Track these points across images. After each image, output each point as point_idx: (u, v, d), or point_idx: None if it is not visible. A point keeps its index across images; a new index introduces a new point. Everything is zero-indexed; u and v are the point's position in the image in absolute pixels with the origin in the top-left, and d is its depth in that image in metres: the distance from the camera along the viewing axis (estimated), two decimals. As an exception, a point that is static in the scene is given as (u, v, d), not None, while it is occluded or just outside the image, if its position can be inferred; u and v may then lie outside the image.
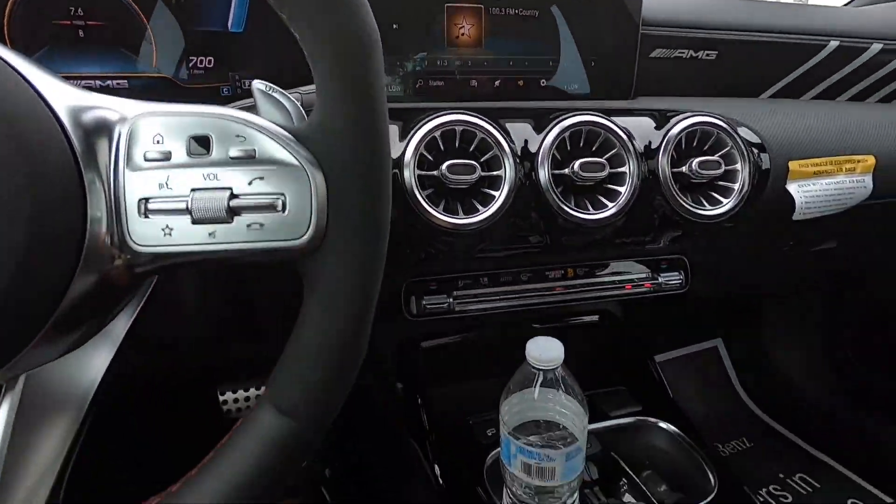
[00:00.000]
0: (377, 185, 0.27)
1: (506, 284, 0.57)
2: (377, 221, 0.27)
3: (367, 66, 0.25)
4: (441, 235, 0.48)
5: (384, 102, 0.27)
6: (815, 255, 0.81)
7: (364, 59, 0.25)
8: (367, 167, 0.26)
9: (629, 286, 0.59)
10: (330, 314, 0.27)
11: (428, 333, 0.68)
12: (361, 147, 0.26)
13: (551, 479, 0.44)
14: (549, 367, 0.44)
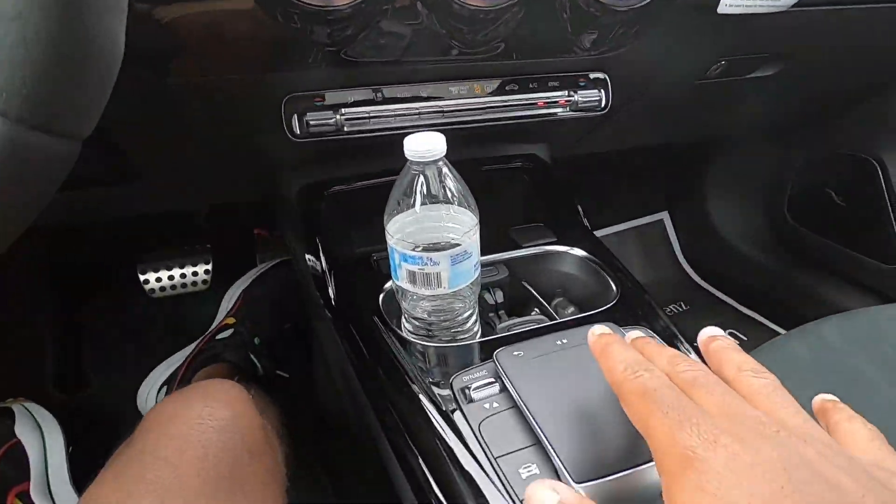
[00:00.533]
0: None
1: (403, 102, 0.51)
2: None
3: None
4: (310, 22, 0.41)
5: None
6: (753, 96, 0.77)
7: None
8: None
9: (542, 103, 0.54)
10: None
11: (334, 179, 0.62)
12: None
13: (438, 286, 0.41)
14: (430, 159, 0.39)
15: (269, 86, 0.47)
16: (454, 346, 0.43)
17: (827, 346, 0.56)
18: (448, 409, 0.37)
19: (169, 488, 0.31)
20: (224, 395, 0.39)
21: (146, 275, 0.95)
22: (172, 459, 0.33)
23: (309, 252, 0.56)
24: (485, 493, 0.31)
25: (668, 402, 0.20)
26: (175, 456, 0.33)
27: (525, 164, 0.69)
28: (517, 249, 0.55)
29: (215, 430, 0.35)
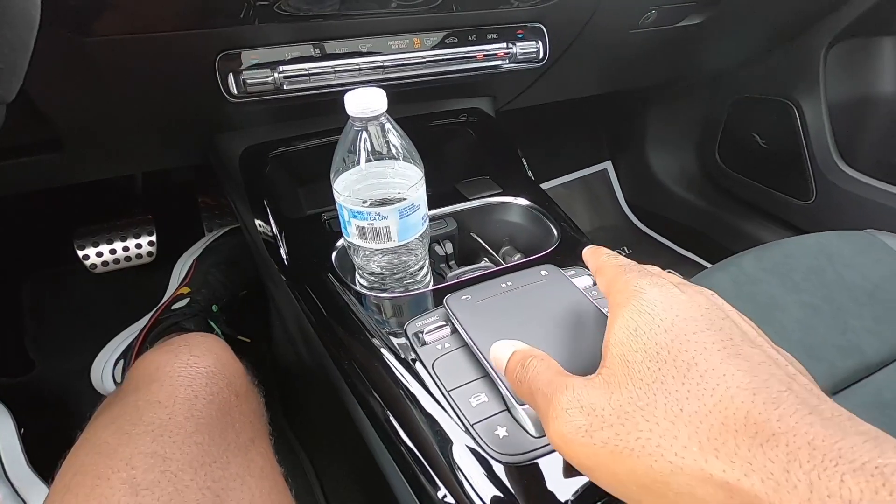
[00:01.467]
0: None
1: (343, 57, 0.50)
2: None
3: None
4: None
5: None
6: (683, 44, 0.80)
7: None
8: None
9: (482, 56, 0.54)
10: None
11: (277, 140, 0.61)
12: None
13: (388, 239, 0.43)
14: (371, 115, 0.39)
15: (200, 43, 0.45)
16: (407, 297, 0.45)
17: (746, 276, 0.62)
18: (404, 354, 0.39)
19: (165, 428, 0.32)
20: (206, 345, 0.40)
21: (85, 250, 0.91)
22: (166, 402, 0.34)
23: (257, 216, 0.56)
24: (440, 422, 0.34)
25: (633, 266, 0.27)
26: (168, 399, 0.34)
27: (470, 118, 0.70)
28: (464, 202, 0.57)
29: (203, 375, 0.37)
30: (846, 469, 0.16)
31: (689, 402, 0.20)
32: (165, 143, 0.63)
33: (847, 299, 0.60)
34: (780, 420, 0.18)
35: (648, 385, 0.21)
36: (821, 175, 0.94)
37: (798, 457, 0.17)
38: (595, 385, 0.22)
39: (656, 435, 0.20)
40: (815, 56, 0.90)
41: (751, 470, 0.17)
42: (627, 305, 0.24)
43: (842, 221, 0.92)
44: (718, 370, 0.20)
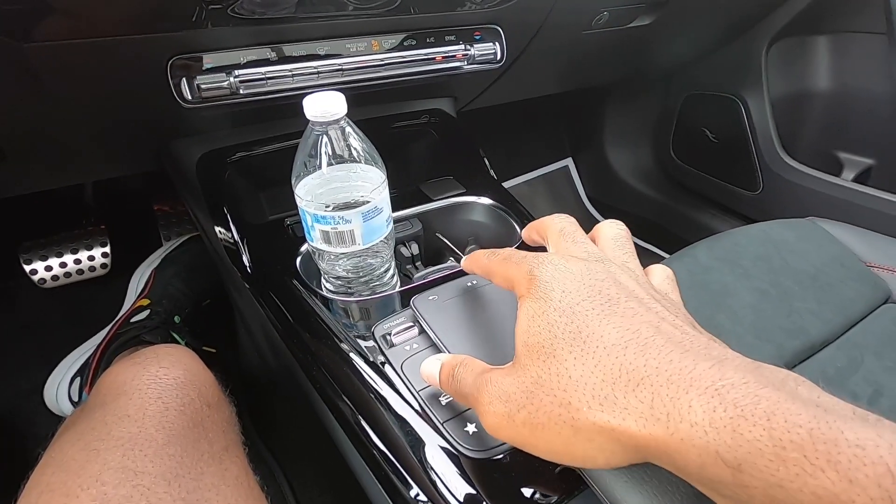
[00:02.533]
0: None
1: (300, 60, 0.50)
2: None
3: None
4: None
5: None
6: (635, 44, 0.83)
7: None
8: None
9: (440, 58, 0.55)
10: None
11: (236, 145, 0.60)
12: None
13: (353, 243, 0.43)
14: (331, 119, 0.39)
15: (150, 48, 0.44)
16: (375, 299, 0.45)
17: (699, 266, 0.65)
18: (373, 357, 0.39)
19: (136, 442, 0.32)
20: (175, 356, 0.39)
21: (33, 264, 0.86)
22: (135, 416, 0.33)
23: (217, 223, 0.55)
24: (410, 423, 0.34)
25: (516, 257, 0.29)
26: (137, 413, 0.34)
27: (431, 119, 0.70)
28: (429, 203, 0.57)
29: (173, 386, 0.36)
30: (694, 395, 0.19)
31: (575, 368, 0.22)
32: (116, 150, 0.61)
33: (792, 283, 0.64)
34: (647, 365, 0.21)
35: (544, 361, 0.23)
36: (766, 167, 0.99)
37: (660, 393, 0.20)
38: (508, 373, 0.25)
39: (556, 405, 0.22)
40: (757, 54, 0.95)
41: (627, 414, 0.20)
42: (528, 295, 0.26)
43: (787, 210, 0.97)
44: (597, 332, 0.23)
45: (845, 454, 0.15)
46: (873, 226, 0.75)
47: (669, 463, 0.20)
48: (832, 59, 0.90)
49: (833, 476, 0.15)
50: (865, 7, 0.82)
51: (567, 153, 1.41)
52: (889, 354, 0.61)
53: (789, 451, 0.16)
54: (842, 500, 0.15)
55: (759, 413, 0.17)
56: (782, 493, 0.16)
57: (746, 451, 0.17)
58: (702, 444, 0.18)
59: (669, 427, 0.19)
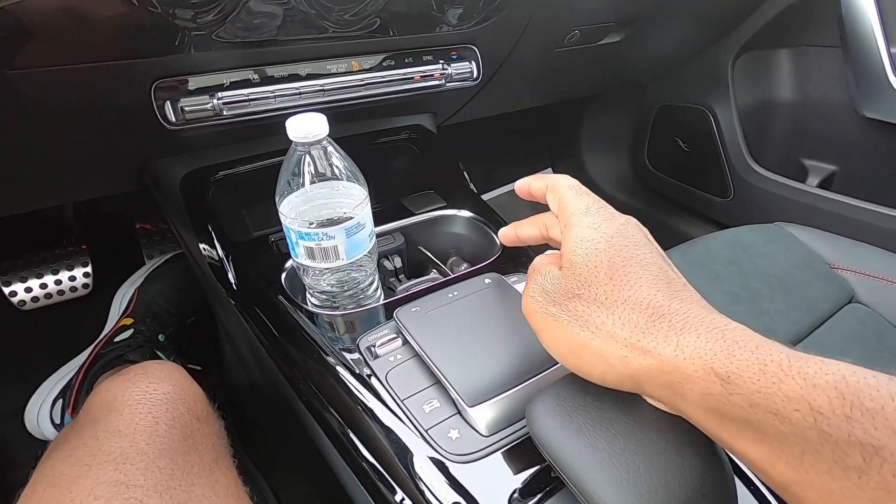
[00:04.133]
0: None
1: (282, 82, 0.51)
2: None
3: None
4: (171, 5, 0.40)
5: None
6: (607, 60, 0.86)
7: None
8: None
9: (419, 77, 0.57)
10: None
11: (219, 164, 0.61)
12: None
13: (337, 258, 0.44)
14: (313, 140, 0.41)
15: (134, 72, 0.45)
16: (359, 312, 0.47)
17: (673, 271, 0.68)
18: (358, 369, 0.40)
19: (127, 456, 0.32)
20: (164, 371, 0.40)
21: (12, 286, 0.85)
22: (126, 431, 0.34)
23: (202, 241, 0.55)
24: (395, 431, 0.35)
25: (576, 189, 0.33)
26: (128, 428, 0.34)
27: (412, 135, 0.72)
28: (411, 216, 0.59)
29: (162, 401, 0.37)
30: (702, 331, 0.23)
31: (612, 293, 0.27)
32: (99, 171, 0.62)
33: (761, 286, 0.67)
34: (671, 307, 0.25)
35: (586, 278, 0.28)
36: (736, 174, 1.03)
37: (675, 326, 0.24)
38: (556, 275, 0.29)
39: (586, 313, 0.27)
40: (724, 67, 0.99)
41: (643, 335, 0.25)
42: (578, 223, 0.30)
43: (757, 215, 1.01)
44: (637, 272, 0.27)
45: (812, 367, 0.20)
46: (837, 229, 0.79)
47: (665, 383, 0.24)
48: (794, 71, 0.95)
49: (801, 382, 0.19)
50: (822, 23, 0.86)
51: (547, 163, 1.44)
52: (854, 352, 0.63)
53: (770, 367, 0.21)
54: (806, 400, 0.19)
55: (751, 346, 0.22)
56: (761, 397, 0.20)
57: (735, 366, 0.21)
58: (701, 363, 0.22)
59: (677, 350, 0.23)
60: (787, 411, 0.19)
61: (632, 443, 0.26)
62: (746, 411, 0.20)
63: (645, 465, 0.26)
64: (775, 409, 0.20)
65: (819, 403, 0.19)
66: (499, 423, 0.34)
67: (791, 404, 0.19)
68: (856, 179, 0.90)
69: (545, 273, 0.30)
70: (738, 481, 0.33)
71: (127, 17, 0.41)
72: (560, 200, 0.32)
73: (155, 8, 0.41)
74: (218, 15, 0.43)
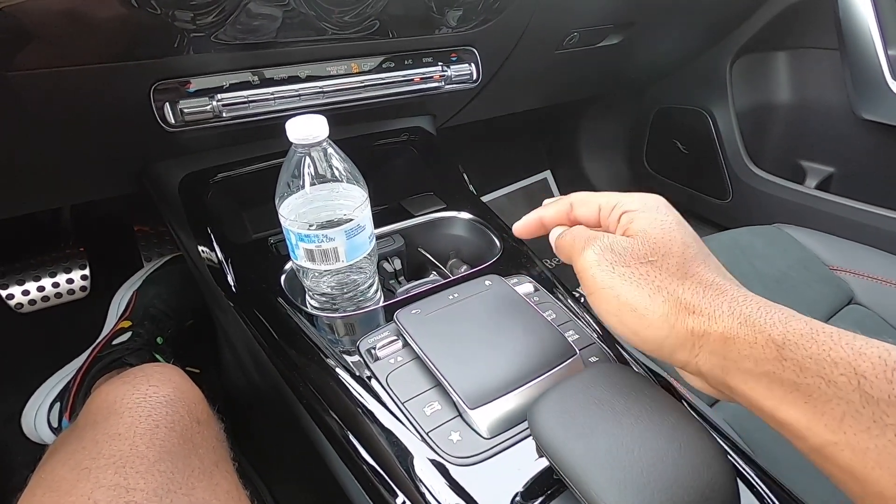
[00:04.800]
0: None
1: (282, 84, 0.51)
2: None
3: None
4: (170, 7, 0.40)
5: None
6: (605, 62, 0.86)
7: None
8: None
9: (419, 79, 0.57)
10: None
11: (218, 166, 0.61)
12: None
13: (336, 260, 0.44)
14: (313, 141, 0.41)
15: (133, 74, 0.44)
16: (359, 315, 0.46)
17: (673, 273, 0.68)
18: (358, 372, 0.40)
19: (127, 459, 0.32)
20: (164, 374, 0.40)
21: (9, 289, 0.85)
22: (126, 434, 0.34)
23: (201, 244, 0.55)
24: (396, 434, 0.35)
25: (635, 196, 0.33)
26: (128, 431, 0.34)
27: (411, 137, 0.72)
28: (410, 218, 0.59)
29: (163, 404, 0.36)
30: (763, 304, 0.25)
31: (684, 266, 0.28)
32: (98, 173, 0.61)
33: (760, 287, 0.67)
34: (730, 287, 0.27)
35: (661, 249, 0.29)
36: (734, 176, 1.04)
37: (737, 299, 0.26)
38: (623, 241, 0.30)
39: (658, 279, 0.28)
40: (722, 70, 0.99)
41: (709, 304, 0.26)
42: (645, 208, 0.31)
43: (755, 217, 1.01)
44: (702, 255, 0.29)
45: (859, 341, 0.22)
46: (835, 230, 0.79)
47: (722, 350, 0.25)
48: (792, 74, 0.95)
49: (848, 350, 0.22)
50: (820, 25, 0.87)
51: (545, 165, 1.44)
52: (853, 353, 0.63)
53: (821, 336, 0.23)
54: (852, 365, 0.21)
55: (804, 319, 0.24)
56: (811, 362, 0.22)
57: (791, 333, 0.23)
58: (759, 328, 0.24)
59: (738, 315, 0.25)
60: (833, 375, 0.21)
61: (634, 445, 0.26)
62: (797, 374, 0.22)
63: (648, 468, 0.25)
64: (823, 373, 0.21)
65: (864, 369, 0.21)
66: (500, 426, 0.34)
67: (838, 369, 0.21)
68: (854, 181, 0.90)
69: (609, 237, 0.30)
70: (741, 484, 0.33)
71: (127, 19, 0.41)
72: (608, 199, 0.33)
73: (155, 10, 0.41)
74: (218, 17, 0.42)
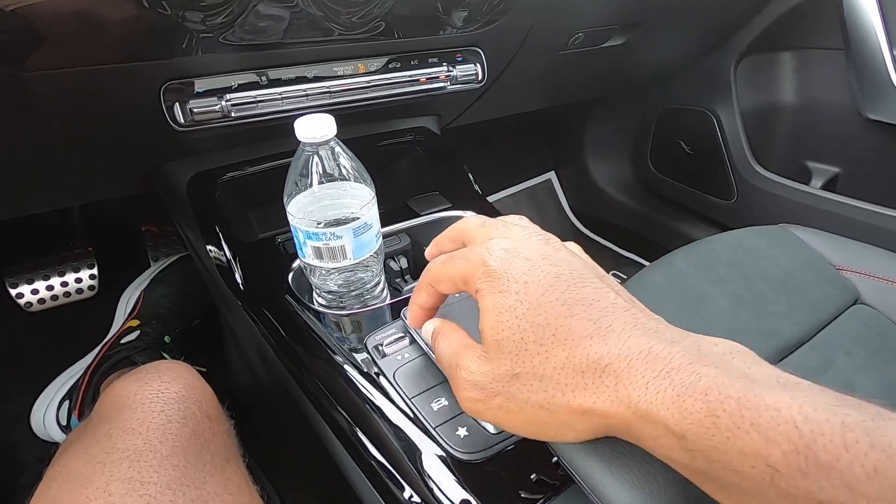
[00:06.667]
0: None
1: (289, 84, 0.52)
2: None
3: None
4: (182, 8, 0.41)
5: None
6: (610, 62, 0.86)
7: None
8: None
9: (424, 79, 0.57)
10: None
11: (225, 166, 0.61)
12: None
13: (344, 258, 0.44)
14: (321, 140, 0.41)
15: (144, 74, 0.45)
16: (366, 312, 0.47)
17: (677, 273, 0.67)
18: (366, 368, 0.40)
19: (141, 454, 0.33)
20: (176, 371, 0.41)
21: (19, 288, 0.86)
22: (139, 429, 0.34)
23: (210, 243, 0.56)
24: (404, 429, 0.35)
25: (457, 254, 0.30)
26: (141, 426, 0.34)
27: (417, 137, 0.73)
28: (416, 217, 0.59)
29: (175, 400, 0.37)
30: (649, 377, 0.22)
31: (548, 360, 0.25)
32: (107, 173, 0.62)
33: (765, 288, 0.66)
34: (609, 352, 0.23)
35: (517, 356, 0.25)
36: (740, 176, 1.03)
37: (622, 378, 0.23)
38: (480, 361, 0.27)
39: (531, 394, 0.25)
40: (727, 70, 1.00)
41: (596, 397, 0.23)
42: (488, 289, 0.27)
43: (761, 217, 1.01)
44: (564, 325, 0.25)
45: (764, 417, 0.19)
46: (841, 231, 0.79)
47: (629, 435, 0.23)
48: (797, 74, 0.95)
49: (755, 436, 0.19)
50: (824, 25, 0.87)
51: (549, 166, 1.44)
52: (859, 353, 0.63)
53: (722, 419, 0.19)
54: (762, 456, 0.18)
55: (700, 389, 0.20)
56: (717, 453, 0.19)
57: (689, 422, 0.20)
58: (655, 420, 0.21)
59: (630, 406, 0.22)
60: (744, 468, 0.19)
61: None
62: (707, 465, 0.20)
63: (655, 462, 0.26)
64: (732, 466, 0.19)
65: (775, 459, 0.18)
66: (507, 421, 0.34)
67: (748, 461, 0.19)
68: (859, 181, 0.90)
69: (466, 367, 0.27)
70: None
71: (137, 20, 0.41)
72: (464, 278, 0.28)
73: (165, 10, 0.41)
74: (227, 18, 0.43)
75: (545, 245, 0.28)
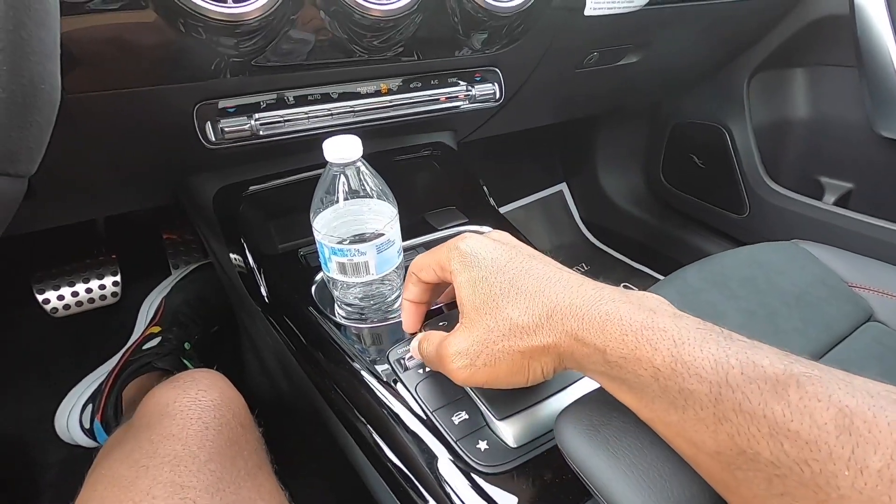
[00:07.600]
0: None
1: (314, 103, 0.54)
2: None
3: None
4: (217, 34, 0.43)
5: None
6: (624, 79, 0.88)
7: None
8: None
9: (444, 98, 0.59)
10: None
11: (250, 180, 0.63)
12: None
13: (367, 273, 0.46)
14: (349, 161, 0.43)
15: (178, 96, 0.47)
16: (386, 326, 0.48)
17: (690, 288, 0.68)
18: (388, 380, 0.42)
19: (181, 459, 0.34)
20: (210, 379, 0.43)
21: (45, 293, 0.89)
22: (179, 435, 0.36)
23: (234, 254, 0.58)
24: (425, 441, 0.37)
25: (434, 249, 0.37)
26: (181, 432, 0.37)
27: (434, 152, 0.74)
28: (434, 232, 0.61)
29: (210, 408, 0.39)
30: (584, 313, 0.28)
31: (515, 311, 0.30)
32: (137, 187, 0.64)
33: (778, 304, 0.67)
34: (557, 301, 0.29)
35: (491, 313, 0.31)
36: (752, 191, 1.04)
37: (566, 318, 0.29)
38: (460, 334, 0.32)
39: (506, 341, 0.30)
40: (739, 86, 1.00)
41: (551, 333, 0.29)
42: (461, 267, 0.33)
43: (773, 232, 1.02)
44: (525, 282, 0.31)
45: (656, 334, 0.25)
46: (854, 247, 0.79)
47: (573, 361, 0.29)
48: (809, 90, 0.96)
49: (647, 347, 0.25)
50: (838, 42, 0.87)
51: (561, 178, 1.46)
52: (872, 370, 0.64)
53: (629, 337, 0.26)
54: (650, 360, 0.25)
55: (616, 318, 0.27)
56: (625, 361, 0.26)
57: (608, 340, 0.27)
58: (588, 342, 0.27)
59: (572, 335, 0.28)
60: (640, 370, 0.25)
61: (658, 454, 0.28)
62: (620, 373, 0.26)
63: (671, 476, 0.27)
64: (633, 369, 0.26)
65: (658, 363, 0.25)
66: (526, 436, 0.35)
67: (642, 364, 0.25)
68: (873, 197, 0.90)
69: (450, 344, 0.32)
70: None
71: (173, 45, 0.44)
72: (439, 268, 0.35)
73: (200, 35, 0.43)
74: (259, 43, 0.45)
75: (498, 240, 0.35)
